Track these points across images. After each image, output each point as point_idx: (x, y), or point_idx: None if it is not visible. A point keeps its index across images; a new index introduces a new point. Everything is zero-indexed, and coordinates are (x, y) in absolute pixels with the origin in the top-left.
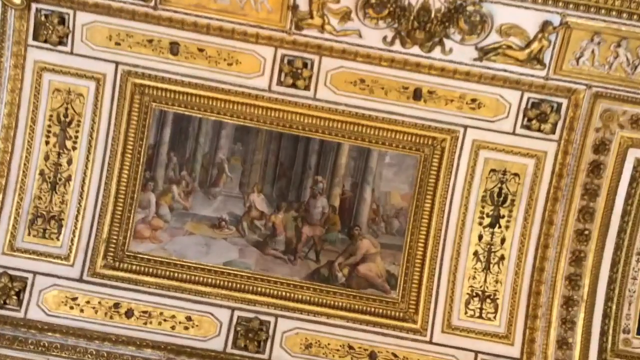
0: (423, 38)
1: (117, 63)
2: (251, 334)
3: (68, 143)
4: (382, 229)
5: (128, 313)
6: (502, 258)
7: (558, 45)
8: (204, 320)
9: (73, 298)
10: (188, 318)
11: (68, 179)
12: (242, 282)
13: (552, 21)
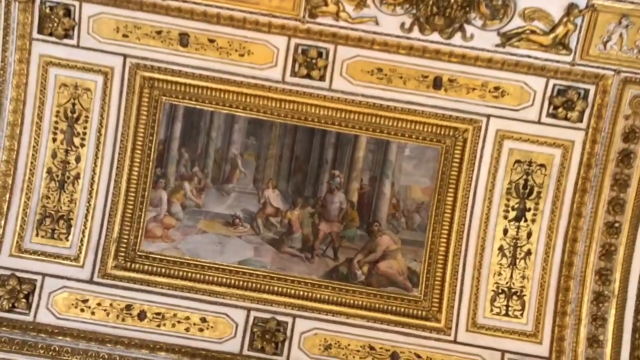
0: (443, 24)
1: (125, 56)
2: (268, 335)
3: (76, 140)
4: (403, 225)
5: (140, 315)
6: (529, 253)
7: (584, 29)
8: (219, 321)
9: (84, 300)
10: (202, 319)
11: (77, 177)
12: (258, 282)
13: (578, 4)
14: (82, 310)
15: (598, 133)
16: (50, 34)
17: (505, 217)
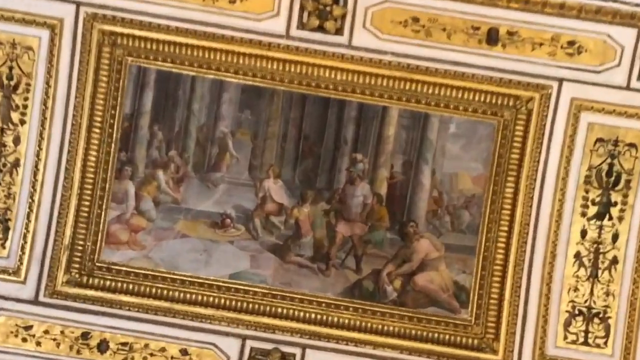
0: None
1: (79, 3)
2: None
3: (14, 115)
4: (447, 225)
5: (101, 346)
6: (615, 261)
7: None
8: (205, 353)
9: (26, 327)
10: (183, 351)
11: (15, 165)
12: (256, 301)
13: None
14: (25, 339)
15: None
16: None
17: (583, 215)
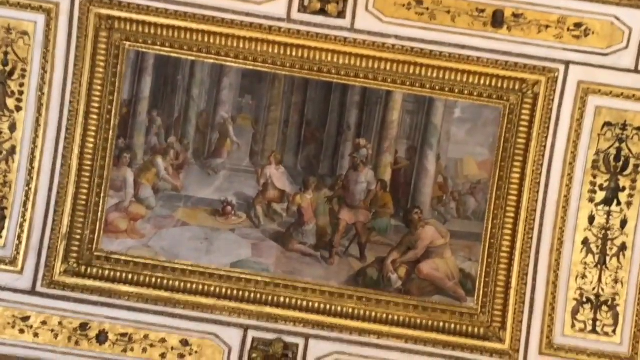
0: None
1: None
2: None
3: (10, 102)
4: (453, 211)
5: (100, 337)
6: (623, 248)
7: None
8: (206, 344)
9: (24, 318)
10: (184, 342)
11: (11, 152)
12: (258, 291)
13: None
14: (22, 331)
15: None
16: None
17: (591, 200)
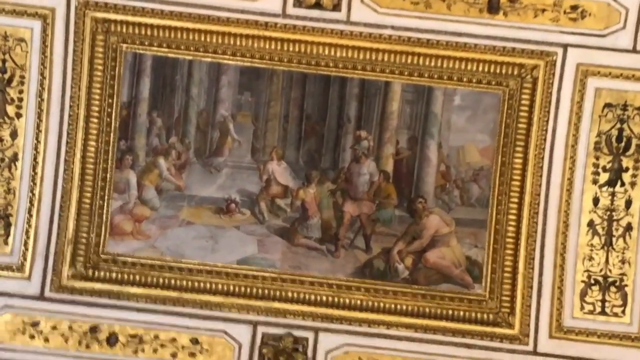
0: None
1: None
2: (283, 358)
3: (10, 109)
4: (456, 199)
5: (111, 339)
6: (629, 228)
7: None
8: (216, 342)
9: (33, 323)
10: (194, 340)
11: (13, 159)
12: (266, 287)
13: None
14: (32, 336)
15: None
16: None
17: (594, 182)
